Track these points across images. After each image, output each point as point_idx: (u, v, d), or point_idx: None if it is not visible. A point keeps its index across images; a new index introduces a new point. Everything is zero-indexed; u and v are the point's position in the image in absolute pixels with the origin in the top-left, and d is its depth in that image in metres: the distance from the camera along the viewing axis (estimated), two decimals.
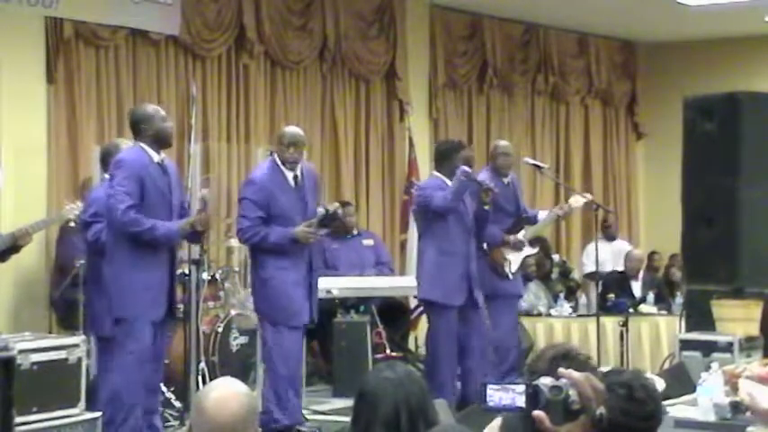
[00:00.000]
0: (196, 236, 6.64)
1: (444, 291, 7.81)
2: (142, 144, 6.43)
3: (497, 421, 2.64)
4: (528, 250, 8.54)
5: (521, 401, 2.24)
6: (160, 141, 6.45)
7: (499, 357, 8.17)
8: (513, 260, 8.36)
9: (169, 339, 7.42)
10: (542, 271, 10.55)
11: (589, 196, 9.23)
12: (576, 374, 2.26)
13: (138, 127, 6.44)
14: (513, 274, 8.38)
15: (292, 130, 7.31)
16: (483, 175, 8.28)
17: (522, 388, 2.24)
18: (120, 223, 6.26)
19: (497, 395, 2.26)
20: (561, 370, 2.28)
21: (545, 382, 2.25)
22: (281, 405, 6.96)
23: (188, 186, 7.03)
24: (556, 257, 11.32)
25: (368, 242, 9.98)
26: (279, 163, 7.09)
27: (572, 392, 2.25)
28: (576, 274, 11.53)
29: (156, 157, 6.41)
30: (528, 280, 9.85)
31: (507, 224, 8.40)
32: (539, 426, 2.23)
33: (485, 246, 8.24)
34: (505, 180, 8.42)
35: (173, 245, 6.52)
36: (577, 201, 8.91)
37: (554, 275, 10.98)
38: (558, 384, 2.25)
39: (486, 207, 7.92)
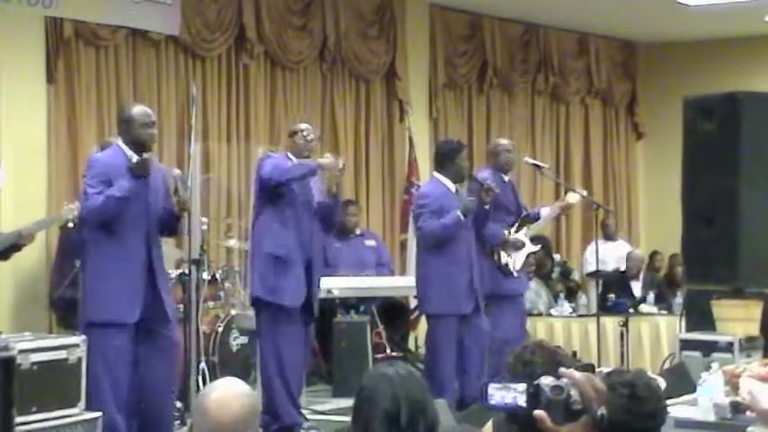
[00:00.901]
0: (174, 221, 6.57)
1: (453, 301, 7.78)
2: (121, 144, 6.43)
3: (489, 424, 2.65)
4: (530, 248, 8.51)
5: (522, 400, 2.25)
6: (136, 147, 6.39)
7: (499, 357, 8.14)
8: (517, 258, 8.35)
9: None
10: (543, 270, 10.55)
11: (584, 192, 9.27)
12: (577, 375, 2.27)
13: (120, 127, 6.48)
14: (517, 272, 8.37)
15: (306, 124, 7.43)
16: (484, 174, 8.28)
17: (523, 387, 2.25)
18: (90, 215, 6.29)
19: (499, 394, 2.27)
20: (562, 370, 2.28)
21: (546, 381, 2.26)
22: (282, 404, 6.96)
23: (188, 185, 7.00)
24: (557, 257, 11.31)
25: (370, 243, 9.99)
26: (290, 156, 7.16)
27: (573, 392, 2.26)
28: (576, 275, 11.53)
29: (134, 158, 6.36)
30: (527, 279, 9.84)
31: (509, 222, 8.39)
32: (540, 425, 2.23)
33: (486, 245, 8.23)
34: (506, 178, 8.42)
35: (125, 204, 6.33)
36: (574, 197, 8.95)
37: (554, 275, 10.98)
38: (559, 384, 2.25)
39: (486, 206, 7.92)
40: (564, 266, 11.27)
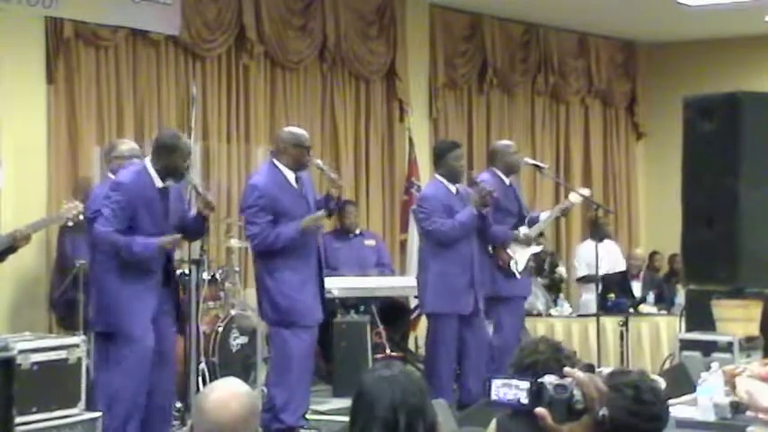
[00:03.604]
0: (201, 223, 6.67)
1: (451, 301, 7.78)
2: (149, 165, 6.47)
3: (493, 424, 2.65)
4: (533, 248, 8.49)
5: (524, 398, 2.25)
6: (171, 175, 6.45)
7: (498, 359, 8.13)
8: (519, 259, 8.32)
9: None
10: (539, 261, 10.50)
11: (587, 191, 9.23)
12: (580, 375, 2.27)
13: (159, 152, 6.46)
14: (520, 273, 8.34)
15: (304, 132, 7.34)
16: (484, 176, 8.27)
17: (526, 384, 2.26)
18: (97, 242, 6.41)
19: (502, 390, 2.27)
20: (567, 369, 2.29)
21: (550, 380, 2.26)
22: (290, 408, 6.96)
23: (188, 188, 7.01)
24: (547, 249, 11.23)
25: (370, 242, 9.99)
26: (277, 165, 7.08)
27: (576, 392, 2.26)
28: (562, 270, 11.43)
29: (158, 183, 6.43)
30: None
31: (510, 224, 8.37)
32: (541, 423, 2.24)
33: (490, 247, 8.22)
34: (507, 181, 8.40)
35: (153, 259, 6.46)
36: (576, 197, 8.91)
37: (546, 266, 10.90)
38: (562, 383, 2.26)
39: (484, 210, 7.90)
40: (552, 258, 11.19)
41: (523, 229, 8.40)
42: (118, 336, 6.33)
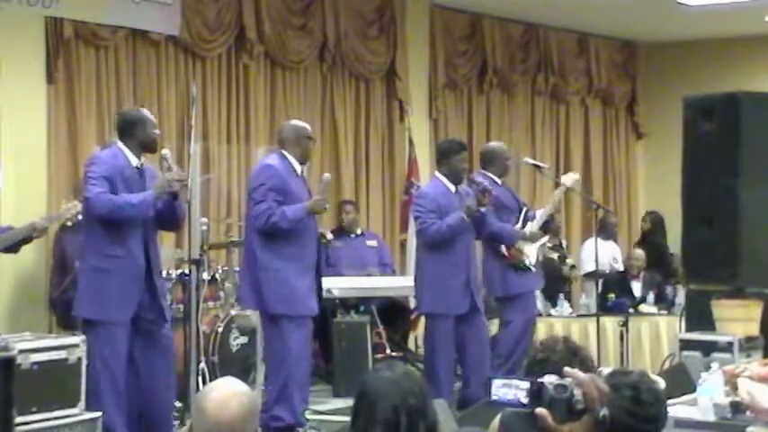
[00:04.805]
0: (173, 206, 6.53)
1: (448, 302, 7.78)
2: (123, 146, 6.46)
3: (496, 420, 2.65)
4: (540, 240, 8.49)
5: (524, 398, 2.25)
6: (147, 147, 6.50)
7: (505, 357, 8.13)
8: (530, 253, 8.32)
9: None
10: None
11: (577, 175, 9.25)
12: (581, 375, 2.27)
13: (129, 129, 6.47)
14: (534, 266, 8.34)
15: (306, 125, 7.41)
16: (481, 178, 8.26)
17: (526, 384, 2.26)
18: (94, 208, 6.28)
19: (502, 390, 2.28)
20: (567, 369, 2.29)
21: (550, 380, 2.26)
22: (286, 404, 6.96)
23: (188, 186, 6.99)
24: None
25: (371, 243, 9.99)
26: (286, 156, 7.12)
27: (576, 392, 2.26)
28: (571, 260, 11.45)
29: (134, 161, 6.45)
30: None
31: (513, 221, 8.38)
32: (541, 423, 2.24)
33: (503, 247, 8.22)
34: (499, 182, 8.40)
35: (147, 220, 6.45)
36: (569, 179, 8.93)
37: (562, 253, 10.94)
38: (563, 383, 2.26)
39: (483, 209, 7.89)
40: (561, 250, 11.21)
41: (528, 227, 8.41)
42: (101, 323, 6.32)
